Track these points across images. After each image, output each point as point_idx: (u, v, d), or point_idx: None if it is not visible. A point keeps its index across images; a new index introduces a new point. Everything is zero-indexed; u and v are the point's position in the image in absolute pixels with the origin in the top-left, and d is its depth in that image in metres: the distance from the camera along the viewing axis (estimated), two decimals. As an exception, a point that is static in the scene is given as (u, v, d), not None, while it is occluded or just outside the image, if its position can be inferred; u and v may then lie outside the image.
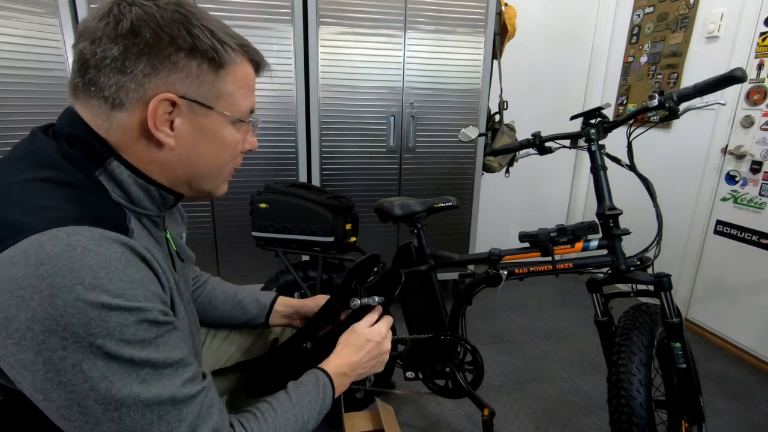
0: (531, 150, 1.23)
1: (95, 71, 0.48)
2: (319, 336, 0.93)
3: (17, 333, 0.40)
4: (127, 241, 0.46)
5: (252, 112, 0.59)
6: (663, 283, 1.02)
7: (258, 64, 0.58)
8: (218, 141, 0.56)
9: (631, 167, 1.11)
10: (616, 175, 1.40)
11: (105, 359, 0.42)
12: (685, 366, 1.03)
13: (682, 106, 0.98)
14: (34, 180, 0.46)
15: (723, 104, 0.99)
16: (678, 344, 1.02)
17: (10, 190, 0.45)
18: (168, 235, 0.65)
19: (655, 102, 0.98)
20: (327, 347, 0.89)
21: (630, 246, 1.10)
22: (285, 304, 0.95)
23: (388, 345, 0.80)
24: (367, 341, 0.78)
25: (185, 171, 0.56)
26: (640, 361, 1.01)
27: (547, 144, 1.19)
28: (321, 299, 0.94)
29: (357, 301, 0.86)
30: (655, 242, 1.08)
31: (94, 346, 0.42)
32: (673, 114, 0.98)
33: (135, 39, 0.47)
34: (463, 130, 1.31)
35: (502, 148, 1.27)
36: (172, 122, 0.51)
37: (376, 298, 0.87)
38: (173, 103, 0.50)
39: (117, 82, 0.48)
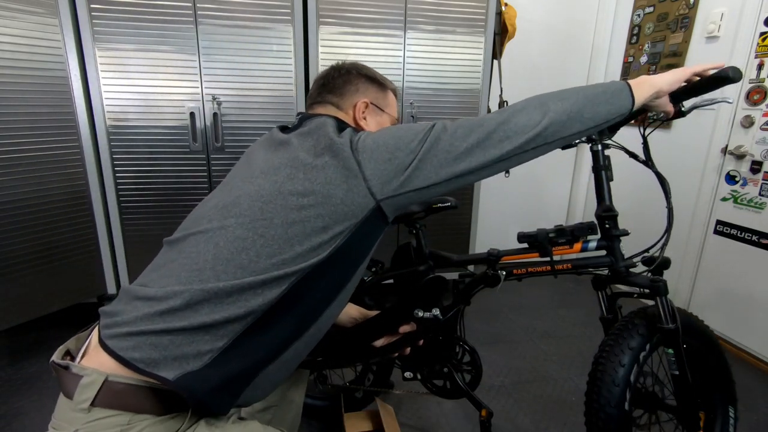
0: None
1: (328, 92, 0.89)
2: (378, 347, 1.03)
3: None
4: None
5: (397, 119, 0.96)
6: (658, 288, 1.00)
7: (396, 92, 0.98)
8: None
9: (648, 164, 1.09)
10: (618, 174, 1.39)
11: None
12: (678, 373, 1.02)
13: (687, 105, 0.97)
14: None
15: (730, 102, 0.98)
16: (671, 350, 1.02)
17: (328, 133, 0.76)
18: None
19: None
20: (386, 357, 0.99)
21: (631, 247, 1.09)
22: (357, 310, 1.11)
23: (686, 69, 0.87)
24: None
25: None
26: (619, 362, 1.01)
27: None
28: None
29: (420, 313, 0.98)
30: (663, 240, 1.05)
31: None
32: (678, 113, 0.97)
33: (348, 76, 0.89)
34: None
35: None
36: (365, 118, 0.89)
37: (436, 311, 1.00)
38: (366, 106, 0.88)
39: (341, 96, 0.88)
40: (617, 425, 0.98)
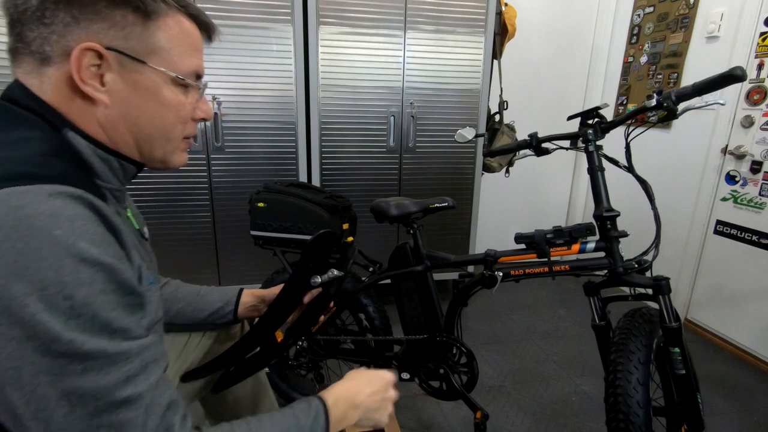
0: (529, 151, 1.22)
1: (20, 25, 0.46)
2: (290, 325, 0.94)
3: None
4: (95, 200, 0.45)
5: (199, 76, 0.57)
6: (661, 287, 1.00)
7: (205, 24, 0.57)
8: (158, 100, 0.53)
9: (629, 169, 1.10)
10: (616, 175, 1.40)
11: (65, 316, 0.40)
12: (684, 372, 1.02)
13: (681, 106, 0.97)
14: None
15: (722, 104, 0.98)
16: (677, 349, 1.01)
17: None
18: (129, 213, 0.62)
19: (654, 102, 0.97)
20: (297, 333, 0.90)
21: (629, 249, 1.09)
22: (250, 294, 0.94)
23: (393, 393, 0.73)
24: (378, 377, 0.71)
25: (128, 131, 0.54)
26: (639, 360, 0.99)
27: (544, 145, 1.18)
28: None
29: (318, 279, 0.87)
30: (654, 245, 1.07)
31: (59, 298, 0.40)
32: (671, 114, 0.97)
33: None
34: (459, 131, 1.31)
35: (499, 149, 1.27)
36: (102, 77, 0.49)
37: (335, 272, 0.88)
38: (100, 56, 0.48)
39: (40, 34, 0.46)
40: (648, 428, 0.95)
